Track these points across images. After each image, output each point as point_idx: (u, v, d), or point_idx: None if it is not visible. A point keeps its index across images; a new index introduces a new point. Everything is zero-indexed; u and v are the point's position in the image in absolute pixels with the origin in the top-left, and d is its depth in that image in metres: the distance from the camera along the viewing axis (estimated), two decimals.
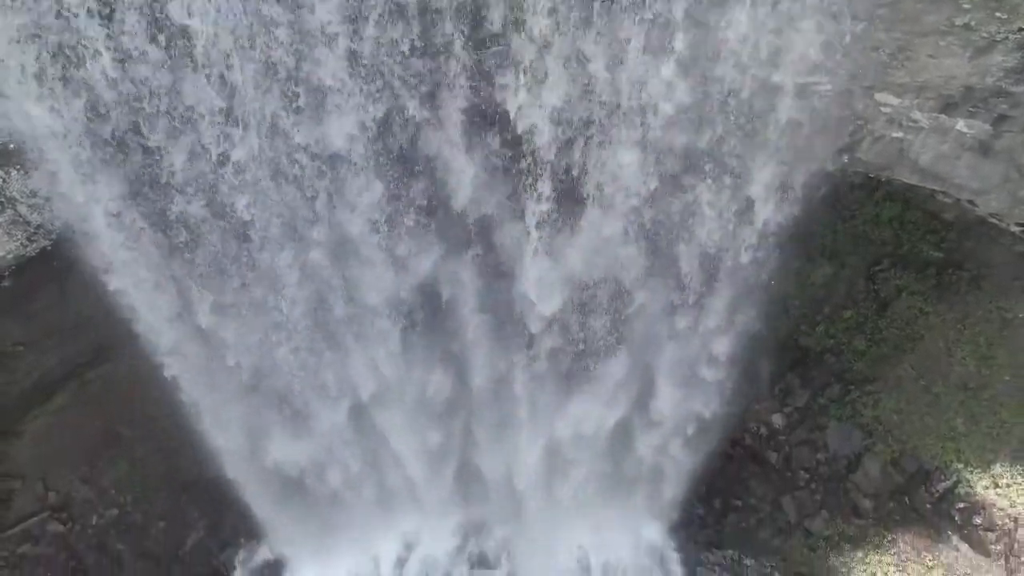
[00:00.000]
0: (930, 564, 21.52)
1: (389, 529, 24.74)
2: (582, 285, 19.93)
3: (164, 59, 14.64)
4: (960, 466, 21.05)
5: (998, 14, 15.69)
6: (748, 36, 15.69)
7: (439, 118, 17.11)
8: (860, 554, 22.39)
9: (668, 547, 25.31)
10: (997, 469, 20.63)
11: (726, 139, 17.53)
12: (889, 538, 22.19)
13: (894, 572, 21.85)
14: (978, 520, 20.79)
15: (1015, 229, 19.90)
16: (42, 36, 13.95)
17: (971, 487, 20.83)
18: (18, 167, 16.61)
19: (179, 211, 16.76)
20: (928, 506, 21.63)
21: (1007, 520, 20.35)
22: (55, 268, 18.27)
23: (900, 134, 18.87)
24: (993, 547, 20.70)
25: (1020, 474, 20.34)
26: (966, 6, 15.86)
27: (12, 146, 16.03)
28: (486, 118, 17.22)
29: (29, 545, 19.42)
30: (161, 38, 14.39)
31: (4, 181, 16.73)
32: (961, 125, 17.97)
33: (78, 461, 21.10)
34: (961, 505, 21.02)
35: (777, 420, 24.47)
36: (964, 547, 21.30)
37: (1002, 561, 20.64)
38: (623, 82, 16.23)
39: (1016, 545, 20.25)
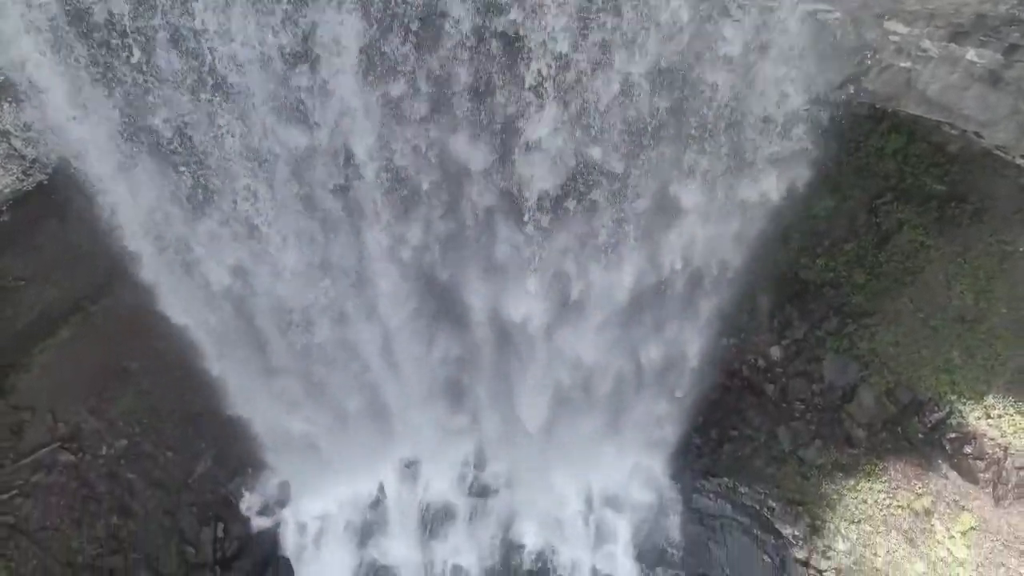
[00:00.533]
0: (919, 491, 22.08)
1: (390, 460, 25.35)
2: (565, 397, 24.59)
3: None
4: (954, 398, 21.38)
5: None
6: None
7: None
8: (852, 482, 22.94)
9: (665, 476, 25.93)
10: (990, 400, 20.96)
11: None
12: (881, 466, 22.70)
13: (884, 499, 22.44)
14: (968, 449, 21.23)
15: (1021, 162, 19.68)
16: None
17: (963, 418, 21.20)
18: (10, 100, 16.34)
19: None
20: (920, 436, 22.07)
21: (997, 449, 20.79)
22: (54, 202, 18.18)
23: (908, 64, 18.44)
24: (982, 475, 21.21)
25: (1012, 405, 20.67)
26: None
27: (2, 79, 15.77)
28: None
29: (42, 474, 19.88)
30: None
31: None
32: (971, 54, 17.54)
33: (86, 393, 21.42)
34: (952, 435, 21.44)
35: (775, 352, 24.73)
36: (953, 475, 21.82)
37: (990, 489, 21.19)
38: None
39: (1004, 473, 20.75)
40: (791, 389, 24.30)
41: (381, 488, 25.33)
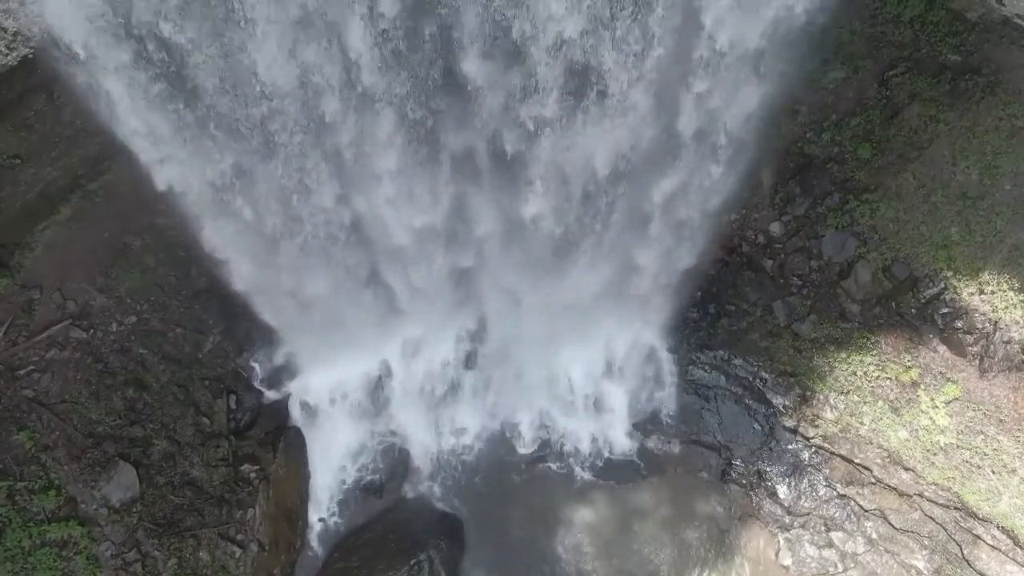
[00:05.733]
0: (908, 364, 22.73)
1: (393, 337, 25.85)
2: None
3: None
4: (949, 274, 21.62)
5: None
6: None
7: None
8: (843, 355, 23.56)
9: (662, 348, 26.56)
10: (985, 277, 21.20)
11: None
12: (872, 340, 23.25)
13: (873, 371, 23.13)
14: (959, 324, 21.68)
15: None
16: None
17: (957, 293, 21.53)
18: None
19: None
20: (913, 311, 22.48)
21: (987, 324, 21.24)
22: (41, 78, 17.65)
23: None
24: (970, 349, 21.77)
25: (1006, 281, 20.94)
26: None
27: None
28: None
29: (56, 350, 20.44)
30: None
31: None
32: None
33: (92, 271, 21.67)
34: (945, 310, 21.84)
35: (775, 229, 24.80)
36: (943, 349, 22.39)
37: (976, 361, 21.81)
38: None
39: (992, 347, 21.29)
40: (789, 265, 24.53)
41: (386, 364, 26.02)
